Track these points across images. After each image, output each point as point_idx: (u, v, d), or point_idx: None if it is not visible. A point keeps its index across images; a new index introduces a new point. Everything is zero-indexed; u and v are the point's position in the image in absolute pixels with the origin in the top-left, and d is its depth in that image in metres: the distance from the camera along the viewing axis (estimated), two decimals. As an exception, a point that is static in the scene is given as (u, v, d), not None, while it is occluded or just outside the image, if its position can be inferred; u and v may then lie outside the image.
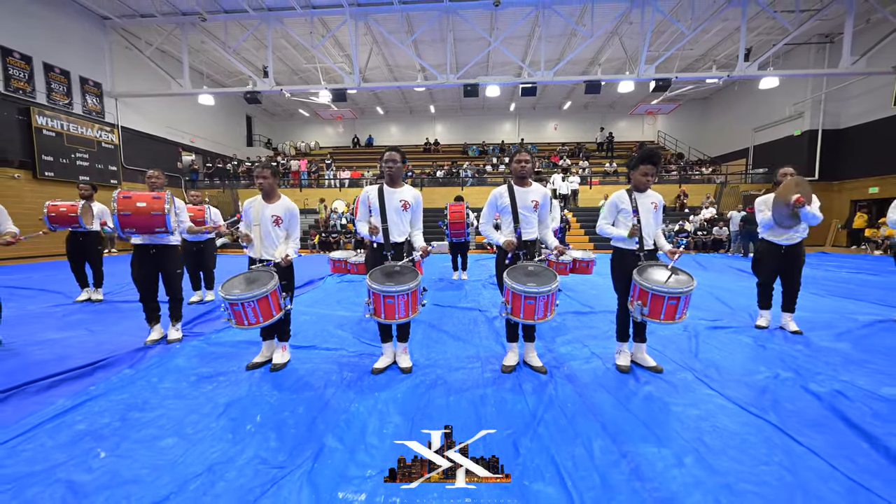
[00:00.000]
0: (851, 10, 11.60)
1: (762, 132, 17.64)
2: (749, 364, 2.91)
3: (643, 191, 2.81)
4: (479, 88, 13.40)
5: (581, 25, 13.53)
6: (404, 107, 24.03)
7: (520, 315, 2.57)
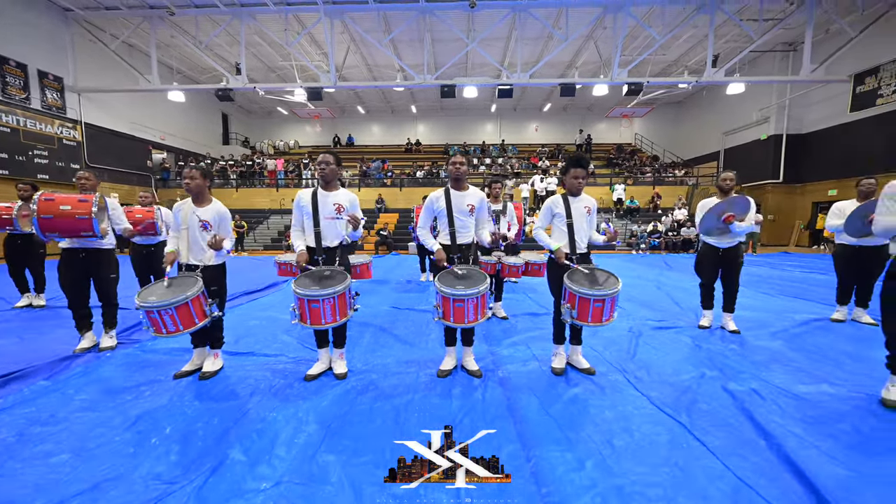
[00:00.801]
0: (811, 21, 12.07)
1: (732, 136, 18.19)
2: (680, 364, 2.99)
3: (576, 195, 2.85)
4: (455, 89, 13.42)
5: (557, 29, 13.69)
6: (385, 106, 23.90)
7: (450, 318, 2.58)
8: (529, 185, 16.40)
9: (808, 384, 2.62)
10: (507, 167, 19.25)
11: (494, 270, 4.17)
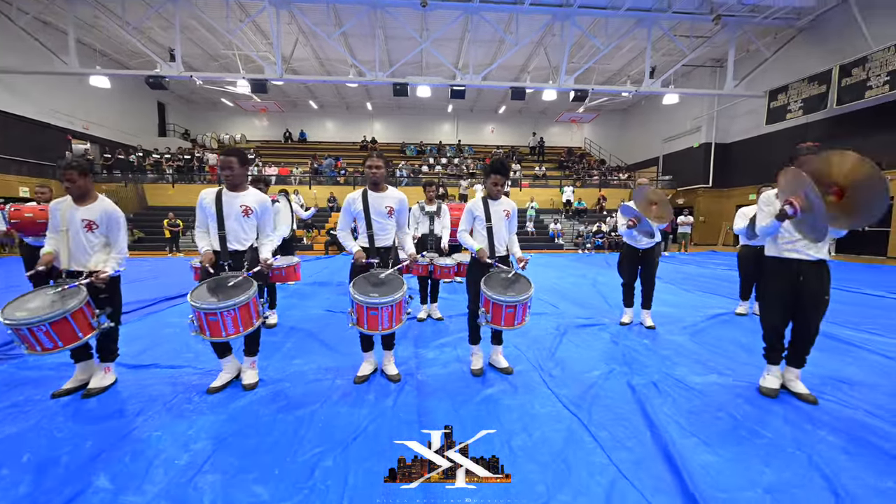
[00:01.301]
0: (733, 41, 13.24)
1: (669, 143, 19.56)
2: (595, 361, 3.13)
3: (496, 199, 2.89)
4: (409, 88, 13.30)
5: (508, 33, 13.98)
6: (340, 102, 23.26)
7: (364, 325, 2.53)
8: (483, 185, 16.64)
9: (701, 375, 2.84)
10: (463, 167, 19.43)
11: (426, 272, 4.16)
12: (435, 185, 4.51)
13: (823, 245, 2.37)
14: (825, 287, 2.38)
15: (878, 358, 3.19)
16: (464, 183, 16.58)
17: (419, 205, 4.53)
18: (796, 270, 2.40)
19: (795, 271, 2.40)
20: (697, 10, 12.58)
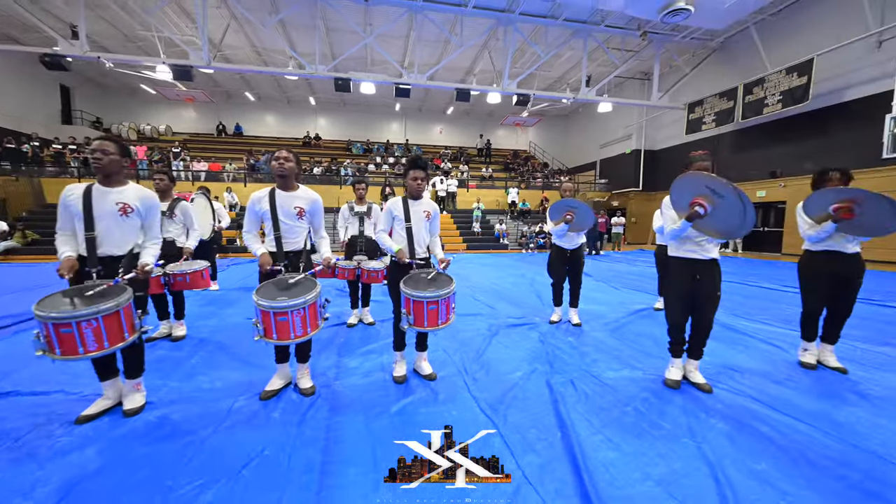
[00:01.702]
0: (658, 56, 14.39)
1: (605, 148, 20.86)
2: (520, 361, 3.15)
3: (417, 198, 2.79)
4: (351, 84, 12.86)
5: (454, 35, 14.05)
6: (280, 95, 22.00)
7: (273, 335, 2.31)
8: (430, 185, 16.59)
9: (616, 370, 2.97)
10: (411, 167, 19.25)
11: (354, 276, 3.98)
12: (365, 183, 4.33)
13: (714, 246, 2.57)
14: (717, 284, 2.57)
15: (766, 346, 3.55)
16: (411, 183, 16.39)
17: (348, 205, 4.33)
18: (693, 269, 2.57)
19: (692, 270, 2.57)
20: (627, 26, 13.51)
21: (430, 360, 3.05)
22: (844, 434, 2.07)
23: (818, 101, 11.39)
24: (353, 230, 4.29)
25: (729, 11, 10.89)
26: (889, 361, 3.14)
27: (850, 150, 10.79)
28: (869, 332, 3.92)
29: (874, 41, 10.21)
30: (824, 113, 11.47)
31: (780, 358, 3.22)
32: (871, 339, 3.75)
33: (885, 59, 9.70)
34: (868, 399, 2.48)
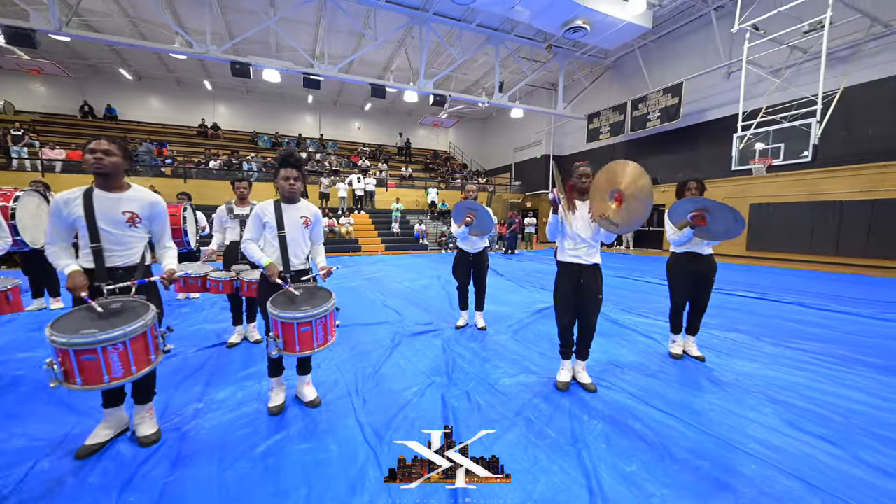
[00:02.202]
0: (562, 68, 15.55)
1: (519, 152, 22.04)
2: (417, 374, 2.98)
3: (292, 201, 2.44)
4: (250, 69, 11.59)
5: (367, 28, 13.52)
6: (167, 76, 19.09)
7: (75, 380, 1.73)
8: (347, 184, 15.84)
9: (513, 376, 2.95)
10: (326, 164, 18.17)
11: (231, 289, 3.44)
12: (247, 181, 3.78)
13: (596, 252, 2.67)
14: (599, 287, 2.67)
15: (645, 340, 3.89)
16: (325, 181, 15.44)
17: (227, 206, 3.74)
18: (578, 273, 2.65)
19: (577, 274, 2.65)
20: (534, 38, 14.35)
21: (318, 381, 2.73)
22: (701, 422, 2.27)
23: (688, 120, 13.32)
24: (232, 235, 3.72)
25: (617, 34, 12.15)
26: (736, 347, 3.63)
27: (710, 163, 12.80)
28: (721, 321, 4.56)
29: (725, 72, 12.26)
30: (692, 130, 13.46)
31: (654, 350, 3.54)
32: (722, 326, 4.35)
33: (733, 88, 11.67)
34: (720, 385, 2.78)
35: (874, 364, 3.19)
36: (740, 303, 5.56)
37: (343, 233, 14.10)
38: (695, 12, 12.52)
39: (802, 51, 10.17)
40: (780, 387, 2.75)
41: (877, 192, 9.34)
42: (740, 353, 3.45)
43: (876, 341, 3.78)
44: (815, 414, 2.37)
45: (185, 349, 3.48)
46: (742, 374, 2.99)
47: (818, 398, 2.57)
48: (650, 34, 13.79)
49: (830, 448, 2.01)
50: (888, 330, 4.17)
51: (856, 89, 9.55)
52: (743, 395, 2.61)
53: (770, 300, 5.68)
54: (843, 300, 5.61)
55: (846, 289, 6.61)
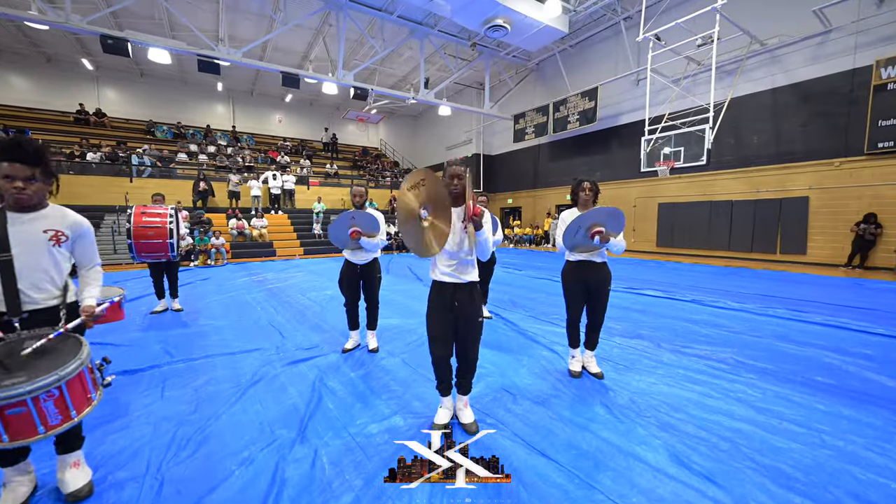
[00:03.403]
0: (488, 68, 15.53)
1: (451, 151, 21.85)
2: (261, 428, 2.31)
3: (26, 209, 1.67)
4: (128, 46, 9.82)
5: (278, 11, 12.26)
6: (30, 50, 15.86)
7: None
8: (261, 182, 14.34)
9: (383, 419, 2.42)
10: (238, 159, 16.34)
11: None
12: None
13: (474, 269, 2.24)
14: (477, 309, 2.25)
15: (548, 354, 3.60)
16: (234, 178, 13.80)
17: None
18: (452, 294, 2.20)
19: (451, 294, 2.20)
20: (459, 35, 14.10)
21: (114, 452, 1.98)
22: (585, 469, 1.92)
23: (603, 123, 13.97)
24: None
25: (537, 36, 12.31)
26: (636, 358, 3.47)
27: (623, 164, 13.53)
28: (626, 325, 4.48)
29: (634, 79, 13.00)
30: (607, 133, 14.15)
31: (554, 367, 3.24)
32: (627, 332, 4.24)
33: (641, 94, 12.41)
34: (613, 411, 2.50)
35: (761, 369, 3.18)
36: (646, 303, 5.64)
37: (255, 235, 12.67)
38: (606, 21, 13.12)
39: (697, 62, 11.05)
40: (672, 406, 2.55)
41: (758, 193, 10.43)
42: (639, 365, 3.28)
43: (762, 341, 3.88)
44: (704, 442, 2.15)
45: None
46: (638, 391, 2.77)
47: (707, 419, 2.39)
48: (569, 39, 14.24)
49: (716, 492, 1.75)
50: (771, 327, 4.36)
51: (741, 100, 10.57)
52: (634, 424, 2.34)
53: (673, 299, 5.84)
54: (735, 295, 5.96)
55: (737, 283, 7.13)
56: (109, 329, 4.35)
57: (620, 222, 2.73)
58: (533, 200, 17.87)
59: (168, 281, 5.30)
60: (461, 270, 2.19)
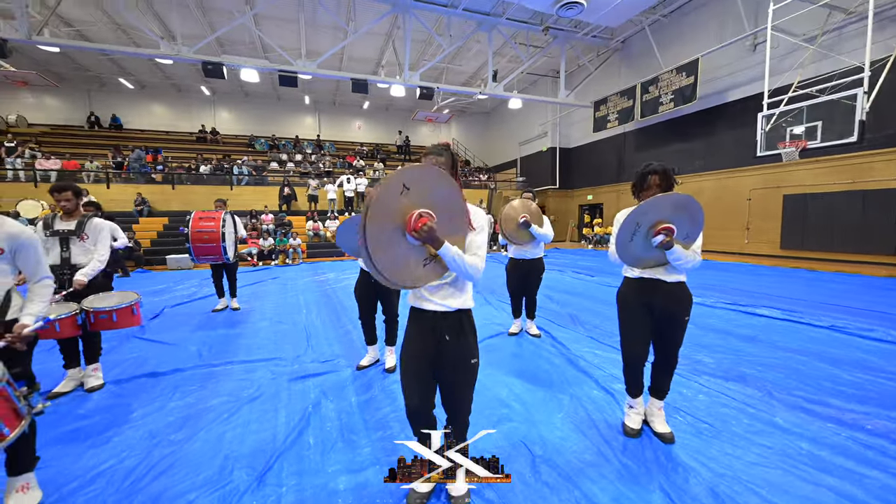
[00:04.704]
0: (563, 53, 14.20)
1: (525, 146, 20.73)
2: (222, 465, 2.02)
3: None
4: (224, 69, 11.03)
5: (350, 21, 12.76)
6: (163, 82, 19.09)
7: None
8: (336, 185, 15.14)
9: (360, 470, 1.96)
10: (320, 165, 17.57)
11: (75, 329, 2.62)
12: (71, 189, 2.94)
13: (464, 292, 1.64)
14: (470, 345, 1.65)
15: (599, 394, 2.79)
16: (313, 182, 14.79)
17: (44, 220, 2.93)
18: (433, 325, 1.64)
19: (433, 327, 1.64)
20: (529, 20, 13.11)
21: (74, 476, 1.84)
22: None
23: (705, 102, 11.74)
24: (52, 258, 2.89)
25: (620, 9, 10.77)
26: (732, 413, 2.46)
27: (732, 150, 11.20)
28: (722, 358, 3.36)
29: (749, 44, 10.62)
30: (710, 113, 11.85)
31: (603, 416, 2.44)
32: (722, 368, 3.15)
33: (758, 62, 10.06)
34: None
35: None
36: (757, 326, 4.29)
37: (328, 236, 13.36)
38: (712, -23, 10.95)
39: (843, 10, 8.51)
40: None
41: (944, 176, 7.63)
42: (735, 427, 2.29)
43: (954, 401, 2.52)
44: None
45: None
46: (726, 473, 1.87)
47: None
48: (660, 7, 12.29)
49: None
50: (972, 377, 2.87)
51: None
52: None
53: (799, 322, 4.37)
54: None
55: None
56: (166, 326, 4.66)
57: (696, 219, 1.87)
58: (616, 196, 15.93)
59: (227, 281, 5.59)
60: (448, 294, 1.61)
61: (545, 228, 3.85)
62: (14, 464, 1.68)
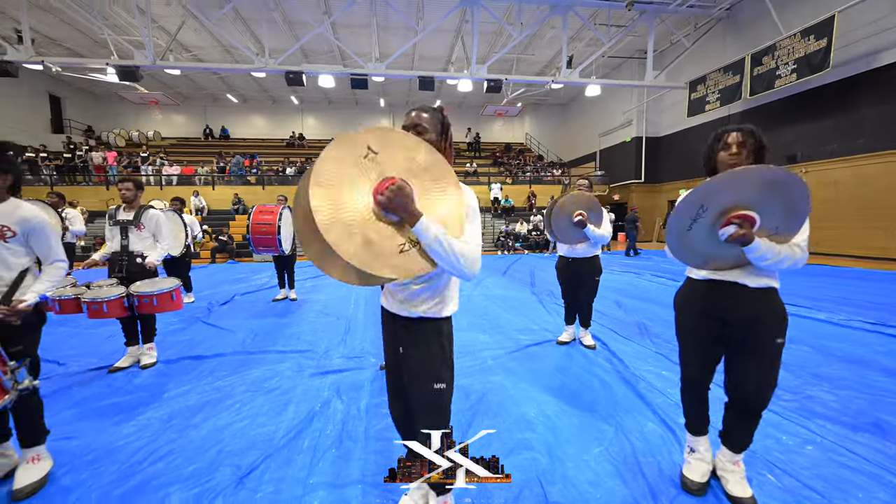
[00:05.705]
0: (652, 29, 12.61)
1: (605, 137, 19.02)
2: (217, 459, 1.97)
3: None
4: (303, 77, 11.92)
5: (419, 20, 12.91)
6: (262, 95, 21.49)
7: None
8: (405, 184, 15.47)
9: (342, 486, 1.73)
10: (391, 165, 18.16)
11: (123, 310, 2.92)
12: (132, 181, 3.23)
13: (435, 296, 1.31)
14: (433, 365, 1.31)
15: (657, 429, 2.19)
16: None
17: (110, 211, 3.27)
18: (394, 333, 1.33)
19: (394, 334, 1.33)
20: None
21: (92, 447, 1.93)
22: None
23: (843, 70, 9.43)
24: (114, 245, 3.21)
25: (723, -35, 9.11)
26: (861, 475, 1.73)
27: (878, 129, 8.82)
28: (854, 395, 2.46)
29: (911, -12, 8.22)
30: (849, 83, 9.48)
31: (655, 459, 1.87)
32: (850, 411, 2.29)
33: (926, 9, 7.73)
34: None
35: None
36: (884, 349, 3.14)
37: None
38: (854, -89, 8.69)
39: None
40: None
41: None
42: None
43: None
44: None
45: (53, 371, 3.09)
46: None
47: None
48: (780, -41, 10.17)
49: None
50: None
51: None
52: None
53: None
54: None
55: None
56: (230, 313, 5.03)
57: (796, 207, 1.29)
58: (715, 190, 13.69)
59: (286, 273, 5.89)
60: (413, 295, 1.30)
61: (602, 228, 3.23)
62: (24, 437, 1.80)
